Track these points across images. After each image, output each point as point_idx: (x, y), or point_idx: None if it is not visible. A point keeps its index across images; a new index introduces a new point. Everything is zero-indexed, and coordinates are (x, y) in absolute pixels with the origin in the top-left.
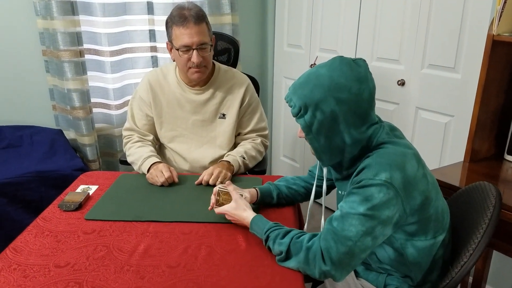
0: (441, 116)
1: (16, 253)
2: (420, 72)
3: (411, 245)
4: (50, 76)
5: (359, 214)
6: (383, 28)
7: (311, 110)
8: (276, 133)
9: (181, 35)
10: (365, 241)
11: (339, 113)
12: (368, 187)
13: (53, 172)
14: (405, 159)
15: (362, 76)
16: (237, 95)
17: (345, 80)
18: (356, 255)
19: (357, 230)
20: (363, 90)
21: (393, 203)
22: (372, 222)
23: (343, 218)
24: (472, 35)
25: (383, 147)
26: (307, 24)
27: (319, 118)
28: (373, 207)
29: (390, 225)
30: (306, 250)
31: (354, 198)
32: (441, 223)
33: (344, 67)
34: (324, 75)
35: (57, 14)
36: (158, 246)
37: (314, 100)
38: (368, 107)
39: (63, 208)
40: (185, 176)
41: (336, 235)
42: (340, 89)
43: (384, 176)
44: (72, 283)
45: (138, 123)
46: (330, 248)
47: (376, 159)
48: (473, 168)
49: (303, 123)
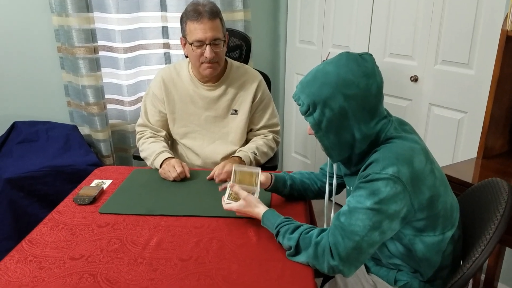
0: (455, 112)
1: (32, 245)
2: (433, 68)
3: (420, 241)
4: (65, 73)
5: (366, 208)
6: (396, 24)
7: (319, 108)
8: (288, 129)
9: (195, 30)
10: (373, 235)
11: (348, 109)
12: (375, 181)
13: (68, 167)
14: (413, 154)
15: (370, 71)
16: (249, 91)
17: (352, 76)
18: (364, 250)
19: (364, 225)
20: (371, 85)
21: (400, 197)
22: (379, 216)
23: (350, 213)
24: (486, 31)
25: (391, 142)
26: (319, 20)
27: (328, 115)
28: (380, 201)
29: (397, 220)
30: (315, 245)
31: (361, 193)
32: (450, 219)
33: (351, 63)
34: (332, 72)
35: (72, 11)
36: (170, 240)
37: (322, 98)
38: (376, 101)
39: (77, 202)
40: (197, 171)
41: (344, 230)
42: (348, 85)
43: (391, 170)
44: (86, 275)
45: (151, 119)
46: (338, 244)
47: (383, 154)
48: (486, 165)
49: (312, 121)
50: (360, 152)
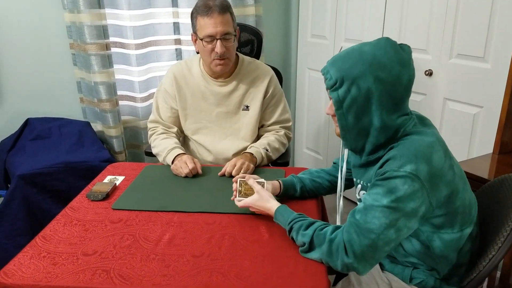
0: (470, 107)
1: (45, 241)
2: (448, 62)
3: (438, 238)
4: (78, 69)
5: (383, 206)
6: (410, 17)
7: (346, 85)
8: (300, 125)
9: (205, 25)
10: (388, 233)
11: (374, 92)
12: (393, 179)
13: (81, 163)
14: (432, 150)
15: (405, 60)
16: (261, 86)
17: (387, 60)
18: (379, 248)
19: (380, 223)
20: (403, 75)
21: (418, 195)
22: (396, 214)
23: (366, 211)
24: (502, 23)
25: (409, 137)
26: (331, 14)
27: (353, 94)
28: (397, 199)
29: (415, 218)
30: (329, 242)
31: (378, 190)
32: (468, 216)
33: (389, 48)
34: (368, 52)
35: (84, 7)
36: (182, 236)
37: (353, 75)
38: (404, 93)
39: (91, 198)
40: (208, 168)
41: (359, 227)
42: (381, 67)
43: (409, 168)
44: (99, 271)
45: (163, 115)
46: (353, 241)
47: (401, 151)
48: (502, 160)
49: (335, 96)
50: (375, 143)
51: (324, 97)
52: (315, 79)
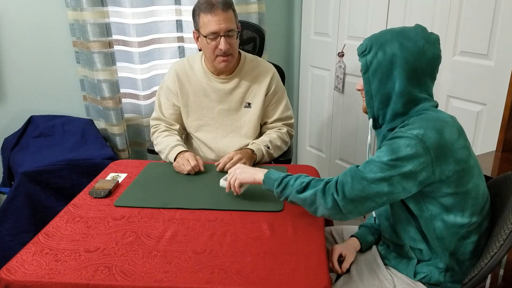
0: (473, 104)
1: (48, 238)
2: (452, 59)
3: (441, 219)
4: (81, 67)
5: (382, 162)
6: (413, 14)
7: (374, 50)
8: (302, 122)
9: (208, 22)
10: (380, 185)
11: (398, 57)
12: (398, 139)
13: (84, 161)
14: (445, 125)
15: (432, 40)
16: (263, 84)
17: (415, 34)
18: (369, 197)
19: (375, 175)
20: (427, 49)
21: (419, 159)
22: (392, 171)
23: (367, 163)
24: (506, 21)
25: (425, 113)
26: (334, 12)
27: (380, 58)
28: (397, 159)
29: (413, 181)
30: (325, 183)
31: (382, 149)
32: (480, 205)
33: (419, 29)
34: (399, 27)
35: (87, 5)
36: (184, 233)
37: (381, 41)
38: (427, 68)
39: (93, 195)
40: (211, 165)
41: (356, 173)
42: (407, 37)
43: (416, 132)
44: (101, 267)
45: (165, 112)
46: (346, 183)
47: (414, 120)
48: (505, 158)
49: (364, 62)
50: (395, 110)
51: (327, 95)
52: (318, 77)
